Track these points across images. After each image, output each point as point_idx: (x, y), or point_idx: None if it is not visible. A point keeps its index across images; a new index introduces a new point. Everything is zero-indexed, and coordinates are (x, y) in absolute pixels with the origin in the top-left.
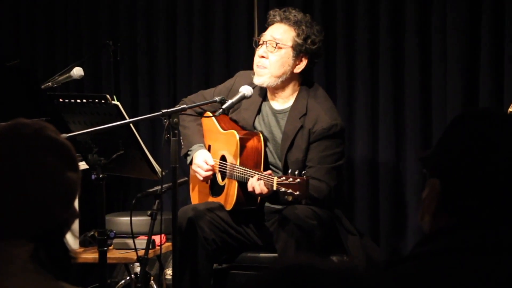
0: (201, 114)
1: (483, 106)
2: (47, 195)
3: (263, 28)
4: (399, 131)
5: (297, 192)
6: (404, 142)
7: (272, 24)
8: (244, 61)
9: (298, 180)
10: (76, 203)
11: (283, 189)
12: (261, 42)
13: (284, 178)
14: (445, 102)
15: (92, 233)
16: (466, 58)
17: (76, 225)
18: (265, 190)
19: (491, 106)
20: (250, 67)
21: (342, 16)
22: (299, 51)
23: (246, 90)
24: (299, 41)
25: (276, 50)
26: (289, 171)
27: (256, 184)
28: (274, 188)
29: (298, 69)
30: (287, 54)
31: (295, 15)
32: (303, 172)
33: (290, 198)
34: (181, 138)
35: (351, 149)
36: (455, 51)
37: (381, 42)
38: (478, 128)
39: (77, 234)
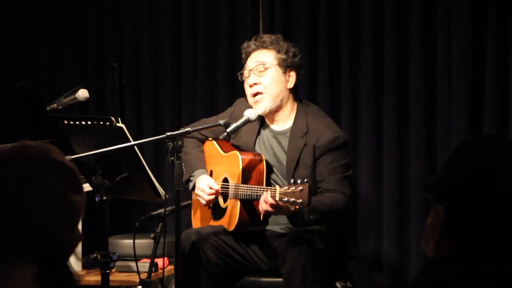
0: (203, 142)
1: (489, 132)
2: (51, 218)
3: None
4: (403, 156)
5: (300, 200)
6: (408, 168)
7: (249, 55)
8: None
9: (301, 187)
10: (80, 225)
11: (285, 199)
12: (246, 75)
13: (286, 187)
14: (449, 127)
15: (95, 255)
16: (471, 81)
17: (79, 247)
18: (270, 201)
19: (496, 133)
20: None
21: (347, 36)
22: (285, 66)
23: (250, 114)
24: (283, 56)
25: (265, 71)
26: (292, 181)
27: (269, 197)
28: (277, 198)
29: (290, 84)
30: (277, 71)
31: (268, 37)
32: (306, 179)
33: (292, 208)
34: (182, 164)
35: (354, 172)
36: (460, 74)
37: (385, 64)
38: (483, 155)
39: (80, 256)
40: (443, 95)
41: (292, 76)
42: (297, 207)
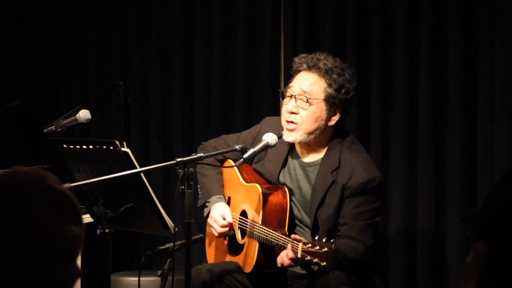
0: (221, 162)
1: None
2: (47, 252)
3: (288, 71)
4: (440, 187)
5: (324, 263)
6: (445, 200)
7: (299, 72)
8: (267, 105)
9: (326, 249)
10: (79, 261)
11: (308, 257)
12: (288, 95)
13: (310, 245)
14: (492, 156)
15: None
16: None
17: (78, 285)
18: (291, 256)
19: None
20: (275, 113)
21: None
22: (332, 103)
23: (270, 138)
24: (332, 92)
25: (307, 105)
26: (316, 238)
27: (285, 258)
28: (299, 255)
29: (332, 122)
30: (320, 108)
31: (324, 63)
32: (331, 240)
33: (315, 268)
34: (198, 187)
35: (385, 211)
36: (502, 100)
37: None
38: None
39: None
40: (485, 121)
41: (338, 114)
42: (317, 268)
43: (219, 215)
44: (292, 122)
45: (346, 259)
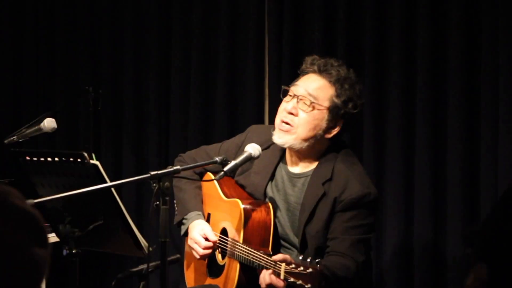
0: (201, 175)
1: None
2: (9, 276)
3: (273, 76)
4: (439, 201)
5: (308, 285)
6: (445, 215)
7: (307, 74)
8: (251, 113)
9: (310, 270)
10: (43, 285)
11: (291, 279)
12: (291, 94)
13: (293, 265)
14: (495, 167)
15: None
16: None
17: None
18: (279, 285)
19: None
20: (259, 121)
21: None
22: (335, 114)
23: (253, 149)
24: (338, 102)
25: (309, 108)
26: (301, 257)
27: (268, 278)
28: (281, 277)
29: (330, 134)
30: (321, 116)
31: (338, 70)
32: (317, 260)
33: None
34: (174, 202)
35: (380, 227)
36: (507, 111)
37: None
38: None
39: None
40: (487, 129)
41: (337, 128)
42: None
43: (201, 236)
44: (287, 123)
45: (335, 277)
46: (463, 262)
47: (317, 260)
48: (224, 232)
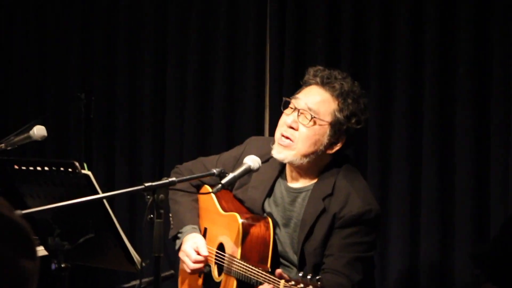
0: (198, 188)
1: None
2: None
3: (274, 83)
4: (446, 219)
5: None
6: (453, 234)
7: (309, 85)
8: (251, 122)
9: (310, 287)
10: None
11: None
12: (292, 106)
13: (293, 283)
14: (507, 182)
15: None
16: None
17: None
18: None
19: None
20: (260, 132)
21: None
22: (337, 130)
23: (252, 161)
24: (341, 117)
25: (310, 123)
26: (300, 274)
27: None
28: None
29: (332, 150)
30: (323, 131)
31: (342, 84)
32: (317, 277)
33: None
34: (170, 216)
35: (383, 247)
36: None
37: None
38: None
39: None
40: (497, 141)
41: (339, 144)
42: None
43: (192, 249)
44: (287, 138)
45: None
46: (471, 284)
47: (317, 278)
48: (221, 247)
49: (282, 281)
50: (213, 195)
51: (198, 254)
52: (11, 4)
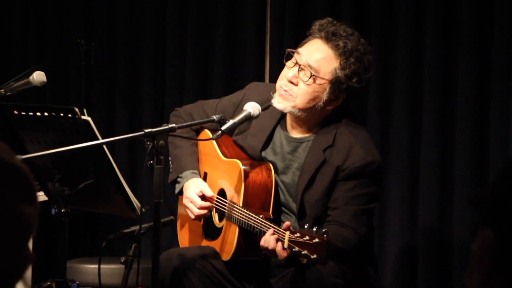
0: (197, 132)
1: None
2: None
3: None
4: (446, 166)
5: (314, 256)
6: (452, 185)
7: (314, 39)
8: (252, 67)
9: (317, 240)
10: (31, 244)
11: (296, 249)
12: (293, 60)
13: (298, 234)
14: (507, 128)
15: (49, 283)
16: None
17: (29, 272)
18: (283, 255)
19: None
20: (261, 78)
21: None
22: (337, 87)
23: (252, 108)
24: (342, 76)
25: (310, 80)
26: (306, 226)
27: (271, 240)
28: (285, 245)
29: (331, 105)
30: (322, 88)
31: (346, 42)
32: (324, 230)
33: (304, 261)
34: (169, 160)
35: (383, 196)
36: None
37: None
38: None
39: (29, 283)
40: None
41: (339, 99)
42: (306, 260)
43: (196, 194)
44: (287, 91)
45: (335, 249)
46: (470, 228)
47: (324, 230)
48: (222, 193)
49: (287, 233)
50: (213, 140)
51: (203, 199)
52: None
